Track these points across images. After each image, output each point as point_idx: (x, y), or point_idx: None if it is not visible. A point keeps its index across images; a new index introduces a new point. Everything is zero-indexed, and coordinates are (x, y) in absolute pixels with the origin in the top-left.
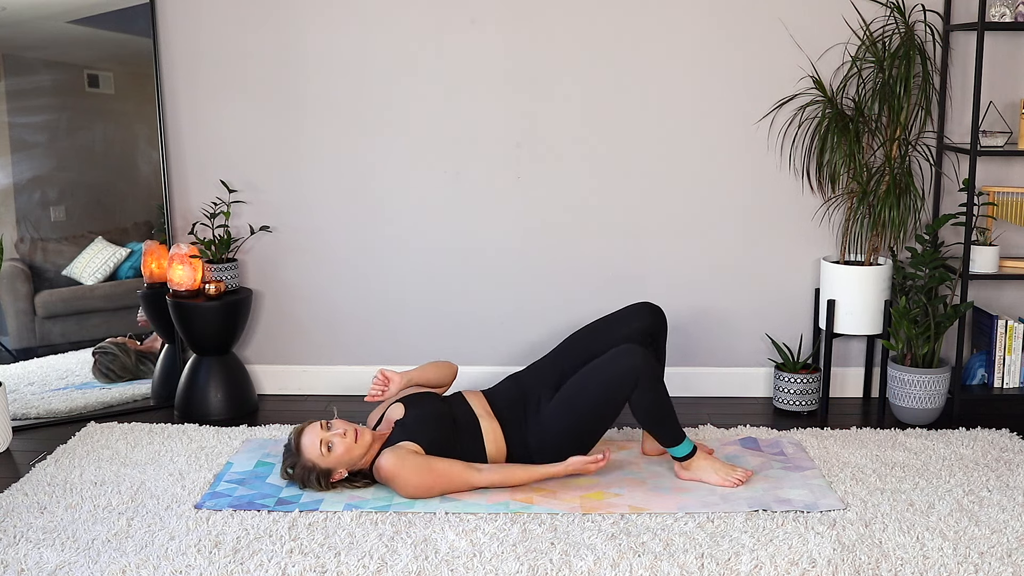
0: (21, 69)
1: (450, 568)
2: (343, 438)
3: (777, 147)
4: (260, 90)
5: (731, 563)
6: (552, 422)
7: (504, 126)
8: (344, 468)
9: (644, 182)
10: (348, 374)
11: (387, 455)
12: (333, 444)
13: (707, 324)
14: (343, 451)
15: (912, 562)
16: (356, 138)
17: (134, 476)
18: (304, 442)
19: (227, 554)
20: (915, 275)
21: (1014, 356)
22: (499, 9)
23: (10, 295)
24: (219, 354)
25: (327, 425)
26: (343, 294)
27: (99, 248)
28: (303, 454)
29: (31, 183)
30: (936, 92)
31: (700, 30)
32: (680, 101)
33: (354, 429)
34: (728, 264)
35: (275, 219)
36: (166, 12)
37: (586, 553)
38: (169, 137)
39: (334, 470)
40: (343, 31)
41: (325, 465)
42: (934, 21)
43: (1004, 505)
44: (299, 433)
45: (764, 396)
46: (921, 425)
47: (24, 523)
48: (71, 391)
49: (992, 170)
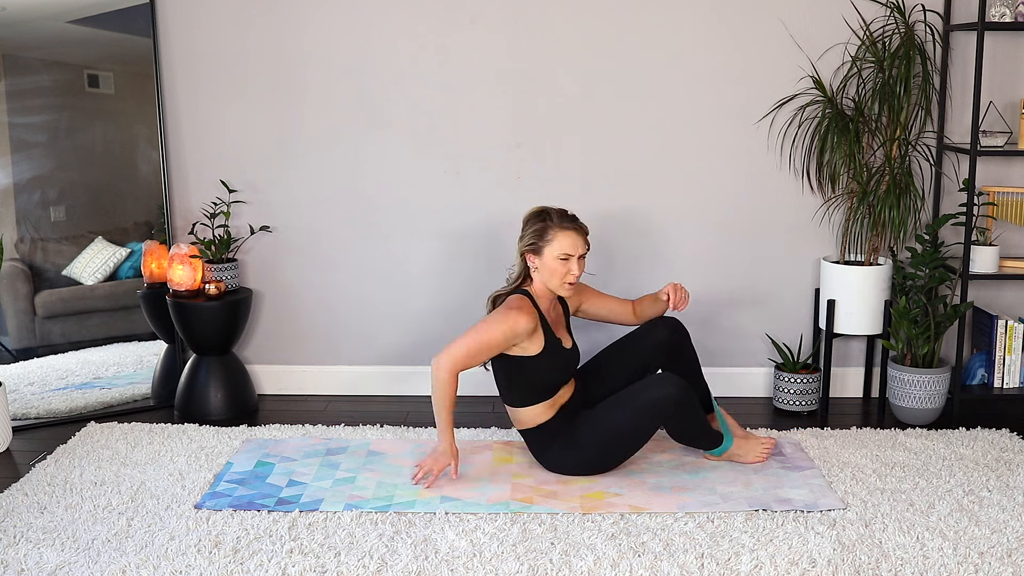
0: (21, 69)
1: (450, 568)
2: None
3: (777, 147)
4: (260, 90)
5: (731, 563)
6: (584, 440)
7: (504, 126)
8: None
9: (644, 182)
10: (348, 374)
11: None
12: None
13: (707, 324)
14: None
15: (912, 562)
16: (356, 138)
17: (134, 476)
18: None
19: (227, 554)
20: (915, 275)
21: (1014, 356)
22: (499, 9)
23: (10, 295)
24: (219, 354)
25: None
26: (343, 294)
27: (99, 248)
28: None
29: (31, 183)
30: (936, 92)
31: (700, 30)
32: (680, 101)
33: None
34: (728, 264)
35: (275, 219)
36: (166, 12)
37: (586, 553)
38: (169, 137)
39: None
40: (343, 31)
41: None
42: (934, 21)
43: (1004, 505)
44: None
45: (764, 396)
46: (921, 425)
47: (24, 523)
48: (71, 391)
49: (992, 170)
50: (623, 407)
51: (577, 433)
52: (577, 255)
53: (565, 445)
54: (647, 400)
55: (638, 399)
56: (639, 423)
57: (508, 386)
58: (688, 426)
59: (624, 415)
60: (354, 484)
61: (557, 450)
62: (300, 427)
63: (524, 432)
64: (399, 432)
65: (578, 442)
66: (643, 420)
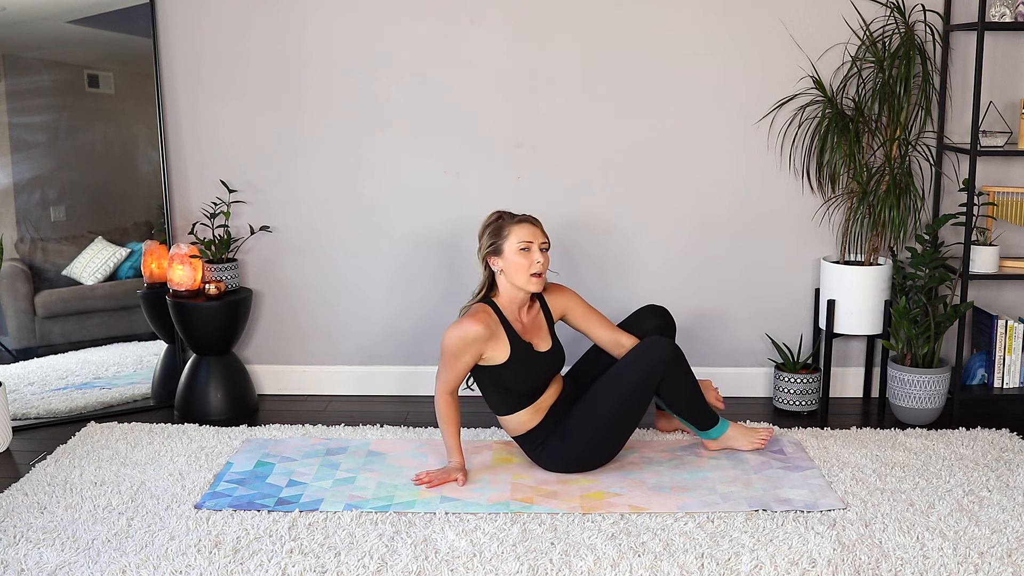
0: (21, 69)
1: (450, 568)
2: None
3: (777, 147)
4: (260, 90)
5: (731, 563)
6: (575, 431)
7: (504, 126)
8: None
9: (644, 182)
10: (348, 374)
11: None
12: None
13: (707, 324)
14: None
15: (912, 562)
16: (356, 138)
17: (134, 476)
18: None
19: (227, 554)
20: (915, 275)
21: (1014, 356)
22: (499, 9)
23: (10, 295)
24: (219, 354)
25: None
26: (343, 294)
27: (99, 248)
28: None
29: (31, 183)
30: (936, 92)
31: (700, 30)
32: (680, 101)
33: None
34: (728, 264)
35: (275, 219)
36: (166, 12)
37: (586, 553)
38: (169, 137)
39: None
40: (343, 31)
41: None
42: (934, 21)
43: (1004, 505)
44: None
45: (764, 396)
46: (921, 425)
47: (24, 523)
48: (71, 391)
49: (992, 170)
50: (612, 384)
51: (568, 427)
52: (537, 243)
53: (557, 442)
54: (637, 367)
55: (627, 369)
56: (630, 395)
57: (489, 396)
58: (682, 390)
59: (614, 392)
60: (354, 484)
61: (551, 449)
62: (300, 427)
63: (516, 439)
64: (399, 432)
65: (571, 436)
66: (635, 392)
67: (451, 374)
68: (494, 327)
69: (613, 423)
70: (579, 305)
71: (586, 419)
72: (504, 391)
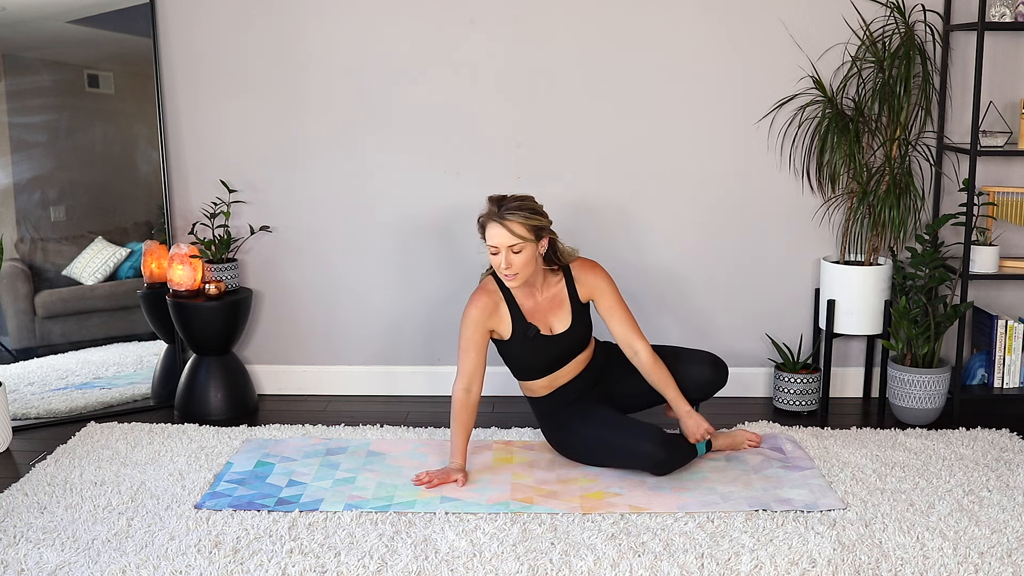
0: (21, 69)
1: (450, 568)
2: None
3: (777, 147)
4: (260, 90)
5: (731, 563)
6: (569, 434)
7: (504, 126)
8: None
9: (644, 182)
10: (348, 374)
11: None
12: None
13: (707, 324)
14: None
15: (912, 562)
16: (356, 138)
17: (134, 476)
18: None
19: (227, 554)
20: (915, 275)
21: (1014, 356)
22: (499, 9)
23: (10, 295)
24: (219, 354)
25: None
26: (343, 294)
27: (99, 248)
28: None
29: (31, 183)
30: (936, 92)
31: (700, 30)
32: (680, 101)
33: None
34: (728, 264)
35: (275, 219)
36: (166, 12)
37: (586, 553)
38: (169, 137)
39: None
40: (343, 31)
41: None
42: (934, 21)
43: (1004, 505)
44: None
45: (764, 396)
46: (921, 425)
47: (24, 523)
48: (71, 391)
49: (992, 170)
50: (607, 422)
51: (563, 421)
52: (504, 248)
53: (555, 425)
54: (627, 443)
55: (621, 439)
56: (615, 447)
57: (505, 362)
58: (665, 471)
59: (603, 438)
60: (354, 484)
61: (549, 426)
62: (300, 427)
63: (527, 399)
64: (399, 432)
65: (564, 430)
66: (617, 451)
67: (463, 358)
68: (496, 302)
69: (602, 448)
70: (606, 295)
71: (576, 430)
72: (510, 363)
